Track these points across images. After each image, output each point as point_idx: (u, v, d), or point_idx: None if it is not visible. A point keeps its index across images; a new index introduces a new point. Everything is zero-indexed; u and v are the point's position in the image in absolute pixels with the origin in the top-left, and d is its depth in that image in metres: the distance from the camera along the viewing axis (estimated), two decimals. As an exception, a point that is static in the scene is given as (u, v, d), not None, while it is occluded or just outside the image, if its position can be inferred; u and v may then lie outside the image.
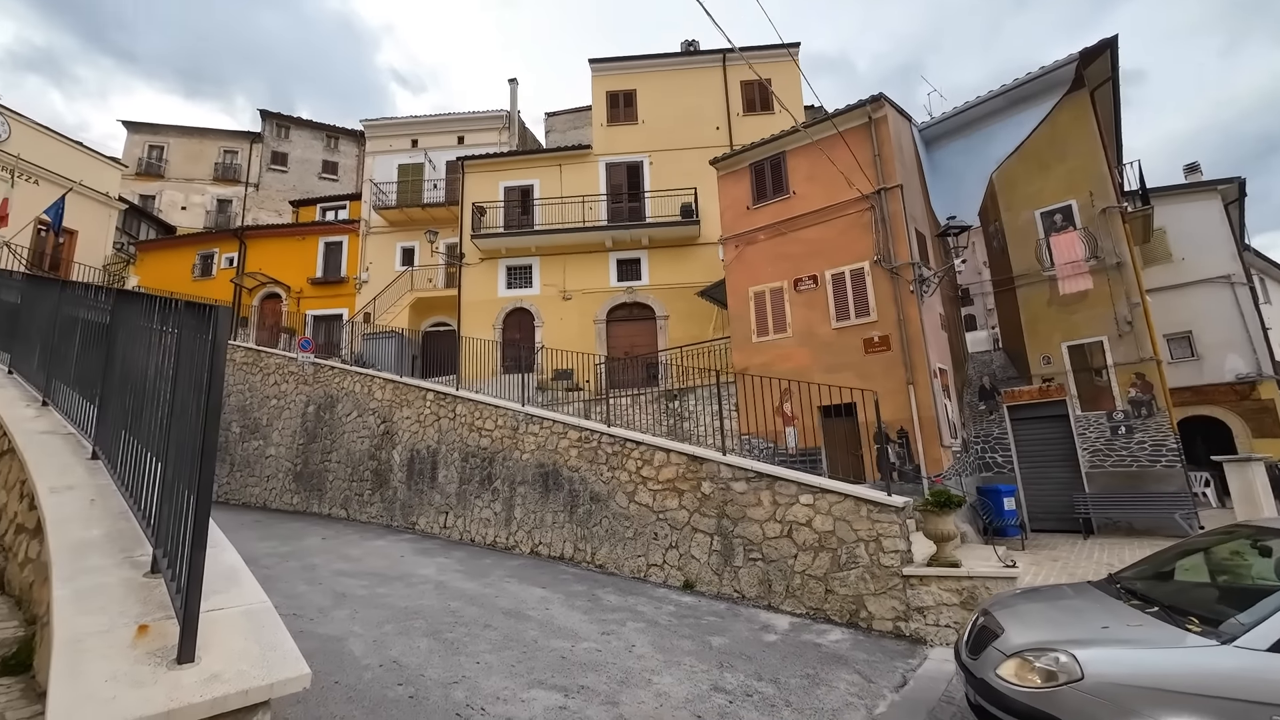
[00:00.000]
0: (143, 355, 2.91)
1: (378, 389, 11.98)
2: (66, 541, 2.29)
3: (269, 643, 1.79)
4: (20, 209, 13.77)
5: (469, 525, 9.84)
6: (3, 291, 6.75)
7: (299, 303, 19.21)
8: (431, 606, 6.00)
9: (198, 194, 26.53)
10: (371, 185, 19.22)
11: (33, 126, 15.23)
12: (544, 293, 16.45)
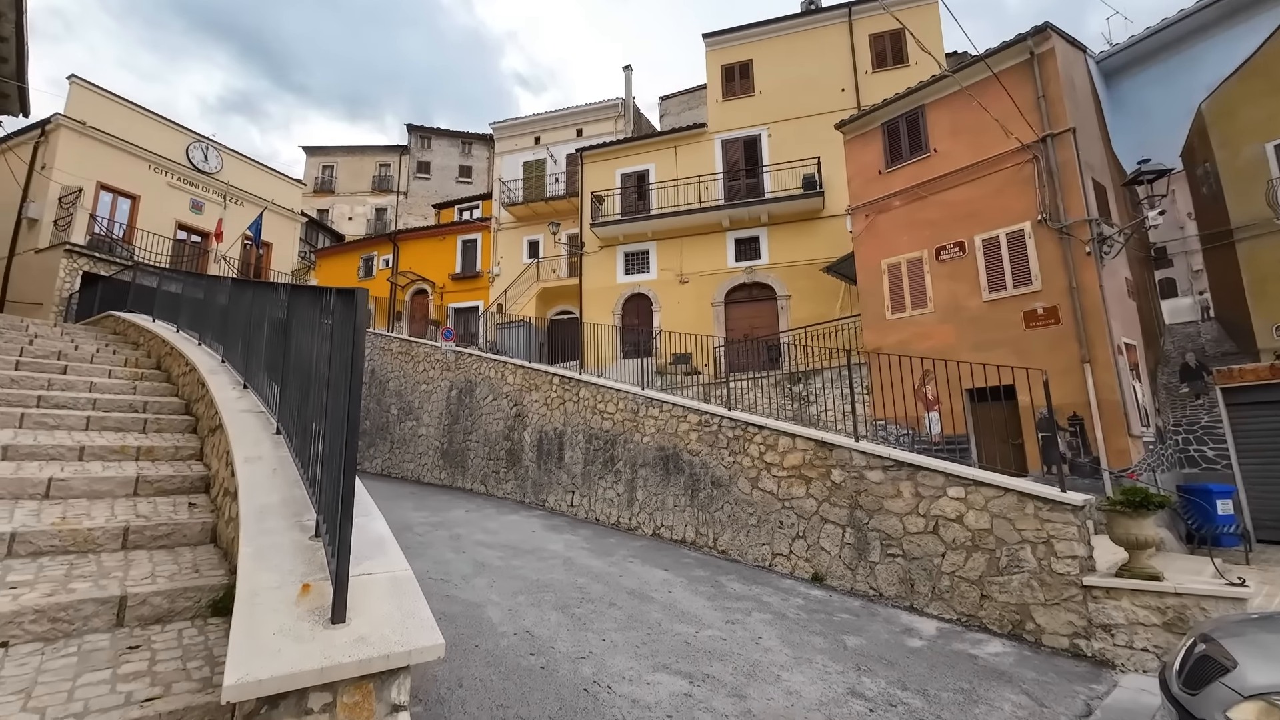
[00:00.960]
0: (308, 340, 3.25)
1: (510, 374, 12.78)
2: (253, 506, 2.61)
3: (409, 610, 1.86)
4: (231, 227, 16.58)
5: (593, 505, 10.17)
6: (216, 294, 8.10)
7: (442, 296, 21.12)
8: (560, 581, 6.26)
9: (360, 205, 30.17)
10: (500, 184, 20.47)
11: (238, 158, 18.21)
12: (661, 277, 16.46)
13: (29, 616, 2.40)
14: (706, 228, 16.00)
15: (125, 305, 11.08)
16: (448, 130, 31.26)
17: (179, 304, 9.14)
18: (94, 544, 3.18)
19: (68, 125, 14.11)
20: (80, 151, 14.36)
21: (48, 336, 8.83)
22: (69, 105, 14.24)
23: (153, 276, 10.93)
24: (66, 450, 4.37)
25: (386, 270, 22.02)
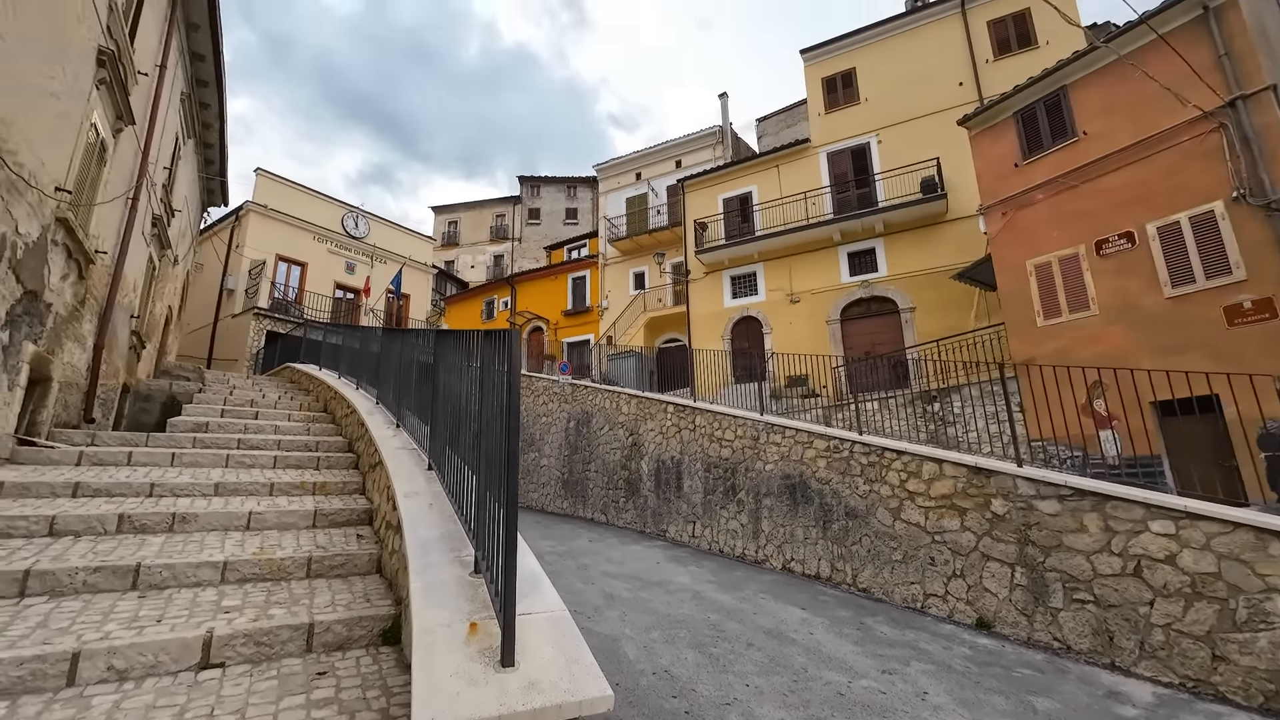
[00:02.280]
0: (455, 380, 3.45)
1: (624, 404, 12.97)
2: (416, 540, 2.75)
3: (572, 655, 1.80)
4: (376, 283, 18.77)
5: (716, 535, 9.87)
6: (369, 343, 9.07)
7: (556, 332, 22.18)
8: (692, 616, 6.05)
9: (480, 253, 32.88)
10: (605, 221, 21.30)
11: (381, 222, 20.71)
12: (770, 298, 16.02)
13: (240, 640, 2.69)
14: (816, 244, 15.39)
15: (298, 357, 12.81)
16: (553, 177, 33.34)
17: (339, 353, 10.37)
18: (285, 572, 3.54)
19: (255, 210, 16.89)
20: (264, 230, 17.08)
21: (242, 387, 10.36)
22: (256, 193, 17.07)
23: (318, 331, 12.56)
24: (260, 486, 4.99)
25: (505, 311, 23.60)
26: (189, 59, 8.91)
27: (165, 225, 9.41)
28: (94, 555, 3.32)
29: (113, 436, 6.02)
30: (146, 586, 3.19)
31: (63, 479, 4.45)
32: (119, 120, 6.19)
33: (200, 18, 8.32)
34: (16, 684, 2.29)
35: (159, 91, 7.38)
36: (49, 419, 5.63)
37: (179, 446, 5.95)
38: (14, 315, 4.57)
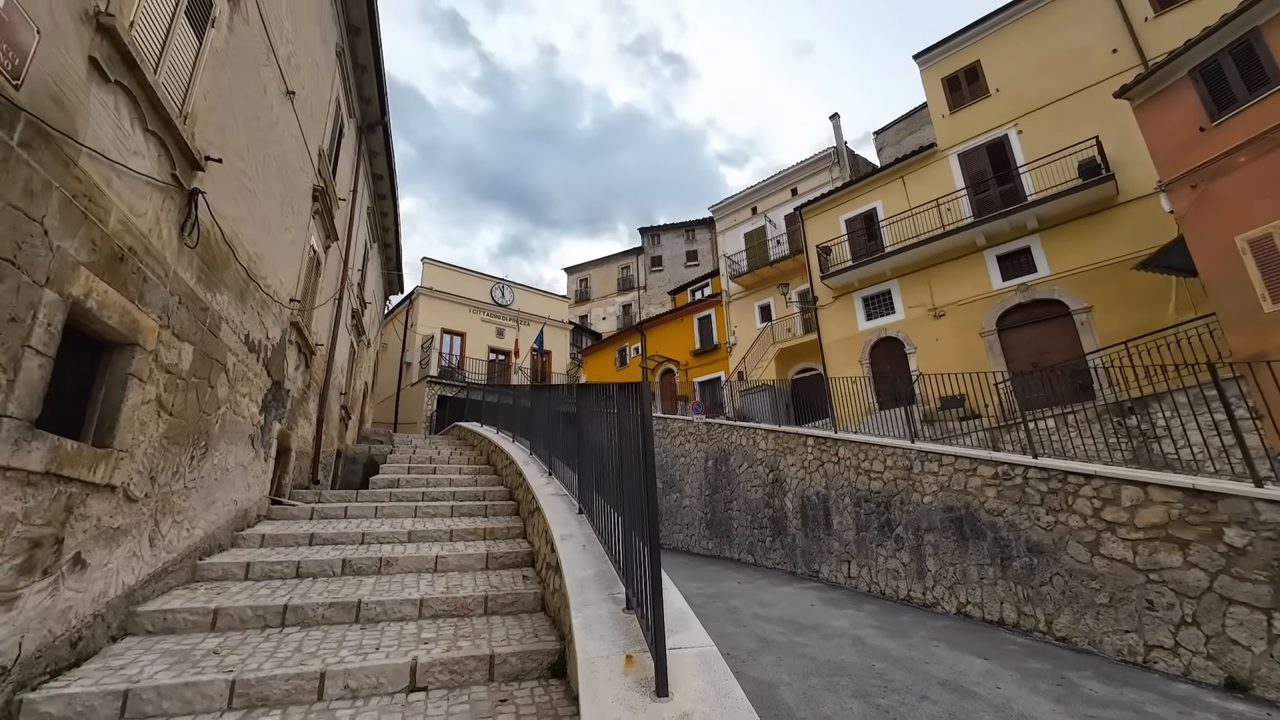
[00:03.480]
0: (596, 430, 3.78)
1: (761, 439, 12.74)
2: (574, 579, 3.03)
3: (723, 690, 1.90)
4: (523, 344, 20.75)
5: (874, 575, 9.16)
6: (519, 399, 10.06)
7: (687, 373, 22.56)
8: (853, 663, 5.68)
9: (610, 305, 34.80)
10: (725, 259, 21.56)
11: (522, 289, 23.03)
12: (909, 315, 14.94)
13: (437, 668, 3.13)
14: (956, 252, 14.17)
15: (463, 416, 14.49)
16: (671, 224, 34.61)
17: (496, 410, 11.59)
18: (467, 609, 4.04)
19: (424, 293, 19.75)
20: (431, 309, 19.84)
21: (422, 446, 11.94)
22: (423, 278, 19.99)
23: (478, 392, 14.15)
24: (442, 533, 5.73)
25: (637, 357, 24.58)
26: (371, 180, 10.94)
27: (360, 316, 11.41)
28: (327, 593, 4.08)
29: (332, 494, 7.31)
30: (366, 620, 3.84)
31: (302, 531, 5.52)
32: (328, 239, 7.80)
33: (378, 146, 10.24)
34: (284, 697, 2.90)
35: (353, 211, 9.17)
36: (290, 482, 7.02)
37: (379, 501, 7.04)
38: (266, 402, 5.87)
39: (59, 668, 2.88)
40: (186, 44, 3.71)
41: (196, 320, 4.13)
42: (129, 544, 3.47)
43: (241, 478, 5.31)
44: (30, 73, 2.42)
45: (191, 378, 4.11)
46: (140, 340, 3.38)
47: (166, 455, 3.85)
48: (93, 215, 2.88)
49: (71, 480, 2.87)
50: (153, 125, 3.35)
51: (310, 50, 6.42)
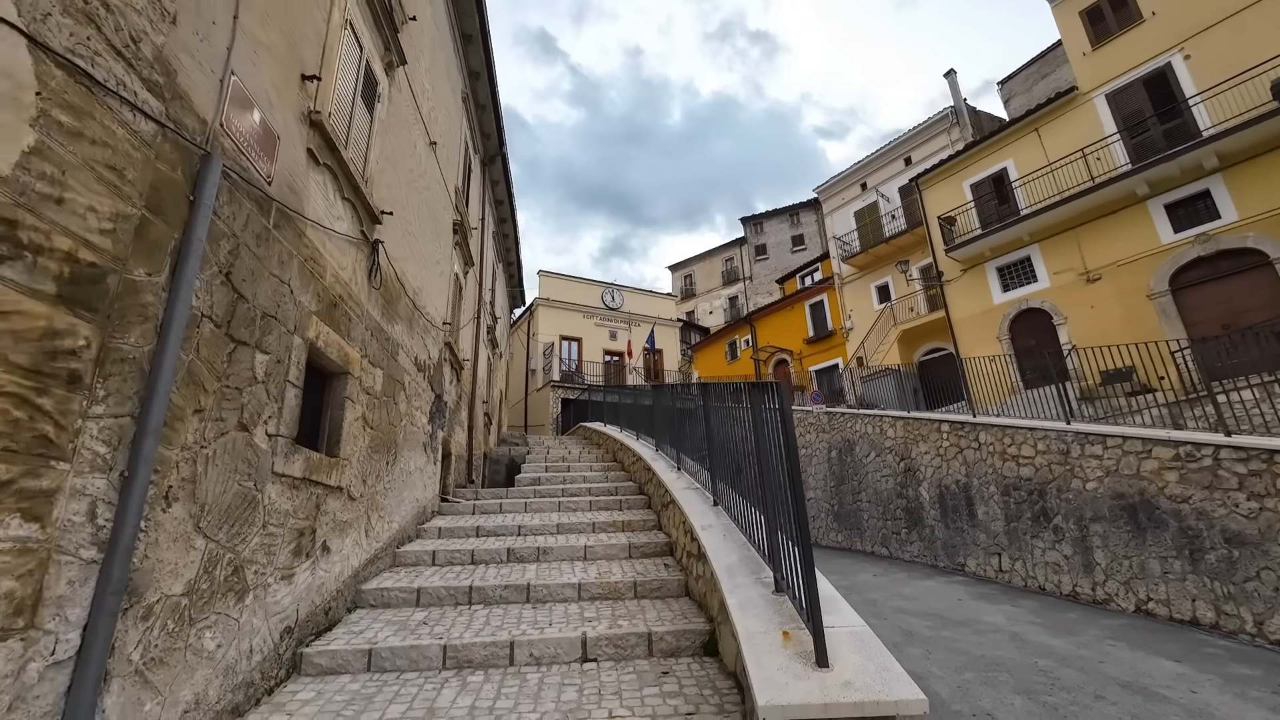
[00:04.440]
0: (728, 427, 4.00)
1: (888, 427, 12.17)
2: (721, 565, 3.28)
3: (881, 664, 2.05)
4: (635, 344, 21.46)
5: (1031, 569, 8.44)
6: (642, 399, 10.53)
7: (801, 362, 21.98)
8: (1013, 659, 5.37)
9: (716, 299, 34.74)
10: (835, 241, 20.70)
11: (631, 291, 23.81)
12: (1056, 282, 13.41)
13: (604, 642, 3.54)
14: (1111, 205, 12.49)
15: (586, 417, 15.38)
16: (774, 210, 33.73)
17: (618, 410, 12.20)
18: (619, 593, 4.44)
19: (542, 304, 21.16)
20: (549, 318, 21.20)
21: (553, 447, 12.88)
22: (541, 290, 21.41)
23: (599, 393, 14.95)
24: (585, 526, 6.26)
25: (748, 350, 24.36)
26: (494, 206, 12.02)
27: (493, 331, 12.58)
28: (499, 577, 4.69)
29: (486, 492, 8.22)
30: (535, 600, 4.38)
31: (470, 524, 6.33)
32: (466, 265, 8.76)
33: (498, 175, 11.25)
34: (484, 660, 3.45)
35: (483, 237, 10.18)
36: (452, 482, 8.01)
37: (526, 497, 7.80)
38: (431, 413, 6.78)
39: (319, 630, 3.67)
40: (362, 120, 4.47)
41: (383, 348, 4.95)
42: (353, 534, 4.28)
43: (419, 479, 6.21)
44: (276, 169, 3.13)
45: (382, 396, 4.92)
46: (350, 369, 4.16)
47: (371, 462, 4.66)
48: (316, 273, 3.62)
49: (318, 484, 3.64)
50: (348, 193, 4.11)
51: (444, 102, 7.28)
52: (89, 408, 1.90)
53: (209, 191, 2.44)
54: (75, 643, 1.85)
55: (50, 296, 1.75)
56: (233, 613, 2.72)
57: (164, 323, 2.23)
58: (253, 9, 2.89)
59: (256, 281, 2.92)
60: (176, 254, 2.31)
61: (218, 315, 2.59)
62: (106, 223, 1.95)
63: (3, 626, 1.60)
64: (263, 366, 2.98)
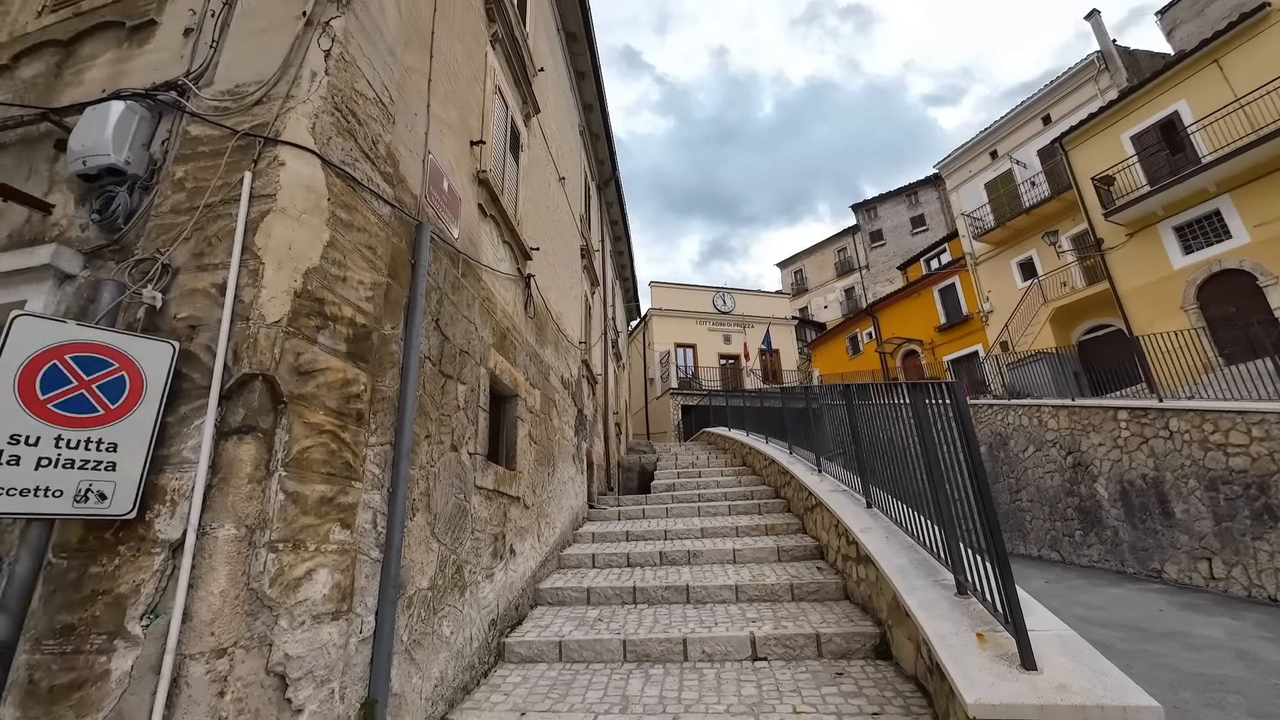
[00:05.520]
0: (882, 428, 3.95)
1: (1048, 418, 10.98)
2: (891, 567, 3.27)
3: (1097, 668, 1.97)
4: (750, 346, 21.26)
5: (1256, 576, 7.18)
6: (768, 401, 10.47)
7: (933, 351, 20.40)
8: (1242, 679, 4.65)
9: (830, 292, 33.31)
10: (964, 219, 19.05)
11: (741, 292, 23.65)
12: (1258, 236, 11.28)
13: (772, 642, 3.65)
14: (1330, 136, 10.30)
15: (709, 423, 15.52)
16: (888, 193, 31.70)
17: (742, 414, 12.20)
18: (776, 595, 4.52)
19: (655, 314, 21.71)
20: (663, 327, 21.67)
21: (680, 453, 13.16)
22: (653, 300, 21.97)
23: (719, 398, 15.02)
24: (728, 529, 6.39)
25: (871, 343, 23.09)
26: (610, 226, 12.65)
27: (616, 344, 13.18)
28: (657, 579, 4.97)
29: (627, 499, 8.65)
30: (695, 600, 4.59)
31: (619, 529, 6.74)
32: (593, 286, 9.34)
33: (612, 197, 11.84)
34: (661, 655, 3.71)
35: (604, 258, 10.76)
36: (595, 491, 8.53)
37: (665, 503, 8.10)
38: (576, 426, 7.31)
39: (512, 624, 4.16)
40: (510, 170, 5.03)
41: (539, 371, 5.48)
42: (529, 539, 4.78)
43: (571, 488, 6.73)
44: (460, 227, 3.67)
45: (541, 414, 5.45)
46: (519, 392, 4.68)
47: (537, 473, 5.18)
48: (490, 310, 4.15)
49: (503, 494, 4.15)
50: (507, 237, 4.65)
51: (566, 138, 7.88)
52: (369, 438, 2.41)
53: (424, 255, 2.95)
54: (372, 625, 2.34)
55: (343, 354, 2.26)
56: (458, 605, 3.22)
57: (403, 366, 2.74)
58: (438, 95, 3.44)
59: (454, 324, 3.43)
60: (407, 309, 2.83)
61: (433, 355, 3.11)
62: (368, 291, 2.46)
63: (336, 609, 2.09)
64: (462, 395, 3.50)
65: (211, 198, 2.09)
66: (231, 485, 1.77)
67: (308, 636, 1.94)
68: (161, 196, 2.18)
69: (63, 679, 1.60)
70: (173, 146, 2.25)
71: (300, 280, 2.07)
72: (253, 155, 2.13)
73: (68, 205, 2.33)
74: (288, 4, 2.42)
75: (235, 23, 2.45)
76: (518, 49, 5.14)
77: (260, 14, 2.44)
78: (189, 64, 2.42)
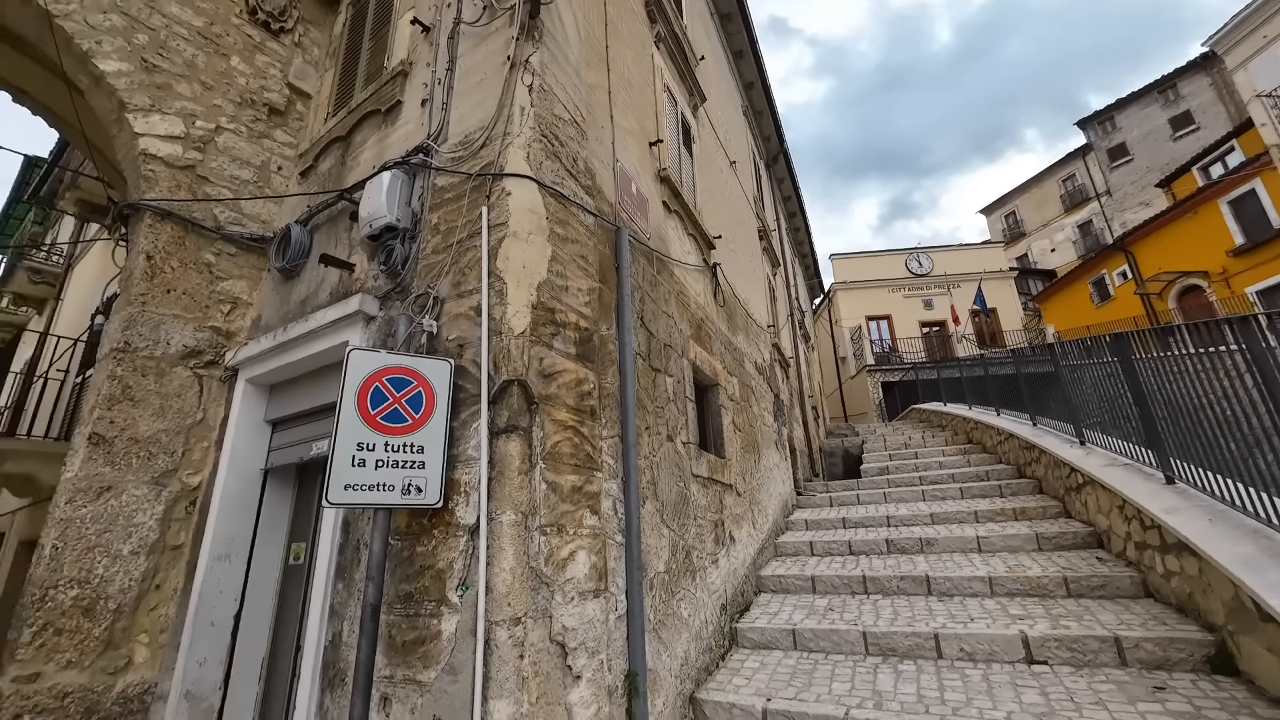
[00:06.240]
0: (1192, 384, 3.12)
1: None
2: (1226, 556, 2.55)
3: None
4: (960, 308, 18.64)
5: None
6: (998, 369, 9.05)
7: (1228, 283, 15.71)
8: None
9: (1056, 232, 27.75)
10: (1263, 102, 14.32)
11: (940, 250, 20.91)
12: None
13: (1052, 644, 3.10)
14: None
15: (917, 398, 13.98)
16: (1131, 94, 25.22)
17: (960, 386, 10.75)
18: (1044, 590, 3.85)
19: (839, 288, 20.32)
20: (850, 301, 20.19)
21: (887, 434, 12.06)
22: (835, 274, 20.59)
23: (929, 371, 13.44)
24: (964, 514, 5.64)
25: (1127, 284, 18.63)
26: (782, 203, 12.15)
27: (803, 325, 12.61)
28: (887, 568, 4.58)
29: (837, 484, 8.18)
30: (938, 593, 4.13)
31: (834, 516, 6.40)
32: (774, 267, 9.05)
33: (781, 173, 11.36)
34: (908, 650, 3.40)
35: (780, 236, 10.38)
36: (800, 477, 8.24)
37: (880, 487, 7.47)
38: (775, 412, 7.13)
39: (740, 610, 4.19)
40: (686, 164, 5.08)
41: (734, 358, 5.45)
42: (745, 526, 4.78)
43: (777, 475, 6.58)
44: (650, 226, 3.80)
45: (740, 401, 5.41)
46: (719, 380, 4.71)
47: (744, 461, 5.15)
48: (684, 303, 4.23)
49: (717, 482, 4.20)
50: (690, 229, 4.71)
51: (732, 121, 7.75)
52: (601, 431, 2.60)
53: (625, 256, 3.11)
54: (624, 603, 2.52)
55: (573, 356, 2.47)
56: (691, 589, 3.33)
57: (620, 363, 2.91)
58: (618, 105, 3.60)
59: (656, 319, 3.56)
60: (616, 309, 3.00)
61: (642, 351, 3.26)
62: (585, 296, 2.66)
63: (595, 587, 2.29)
64: (670, 387, 3.61)
65: (460, 234, 2.45)
66: (506, 477, 2.04)
67: (577, 611, 2.15)
68: (424, 241, 2.61)
69: (410, 635, 2.00)
70: (427, 198, 2.69)
71: (535, 293, 2.31)
72: (485, 191, 2.45)
73: (363, 262, 2.93)
74: (494, 54, 2.74)
75: (457, 84, 2.85)
76: (679, 44, 5.17)
77: (474, 70, 2.80)
78: (429, 129, 2.88)
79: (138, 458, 2.98)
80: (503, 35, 2.76)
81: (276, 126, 3.95)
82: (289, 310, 3.30)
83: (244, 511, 3.16)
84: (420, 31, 3.26)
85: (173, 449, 3.11)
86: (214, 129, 3.58)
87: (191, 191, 3.38)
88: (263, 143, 3.83)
